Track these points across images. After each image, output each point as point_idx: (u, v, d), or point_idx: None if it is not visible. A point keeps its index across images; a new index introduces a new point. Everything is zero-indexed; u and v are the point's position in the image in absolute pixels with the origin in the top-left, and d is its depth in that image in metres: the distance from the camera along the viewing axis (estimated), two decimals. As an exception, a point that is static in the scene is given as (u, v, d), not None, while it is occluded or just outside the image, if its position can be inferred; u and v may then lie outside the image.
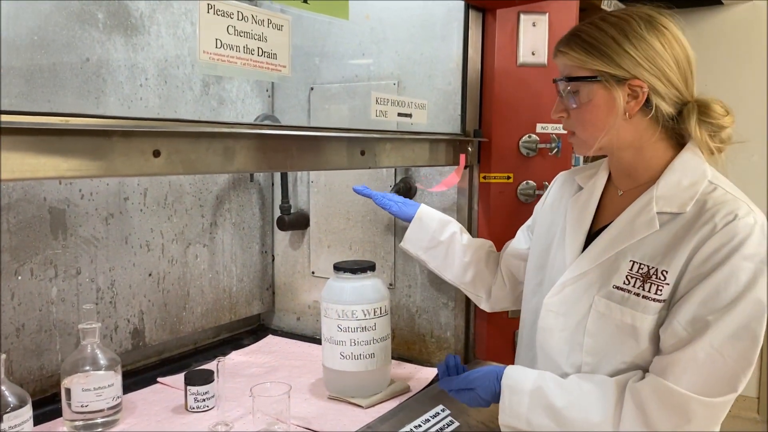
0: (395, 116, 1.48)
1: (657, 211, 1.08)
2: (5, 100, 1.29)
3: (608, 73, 1.07)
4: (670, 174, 1.10)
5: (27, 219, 1.46)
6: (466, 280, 1.52)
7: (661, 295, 1.04)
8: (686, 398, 0.99)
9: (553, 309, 1.18)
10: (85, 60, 1.46)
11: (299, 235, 2.13)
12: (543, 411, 1.09)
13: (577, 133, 1.15)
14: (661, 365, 1.03)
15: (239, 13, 1.01)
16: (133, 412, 1.45)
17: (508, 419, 1.12)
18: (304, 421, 1.40)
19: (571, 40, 1.12)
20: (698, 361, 0.99)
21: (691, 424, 0.99)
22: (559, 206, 1.32)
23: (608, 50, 1.07)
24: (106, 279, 1.64)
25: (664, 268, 1.05)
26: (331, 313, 1.51)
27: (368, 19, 1.85)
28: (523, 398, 1.11)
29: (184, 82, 1.76)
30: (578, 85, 1.10)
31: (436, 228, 1.53)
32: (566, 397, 1.08)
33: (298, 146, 1.21)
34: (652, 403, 1.01)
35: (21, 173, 0.77)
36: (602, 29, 1.09)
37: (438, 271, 1.56)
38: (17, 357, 1.46)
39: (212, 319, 1.98)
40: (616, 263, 1.11)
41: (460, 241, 1.52)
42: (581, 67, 1.10)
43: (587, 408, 1.06)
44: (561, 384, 1.11)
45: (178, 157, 0.97)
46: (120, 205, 1.67)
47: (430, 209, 1.56)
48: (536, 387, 1.11)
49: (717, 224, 1.01)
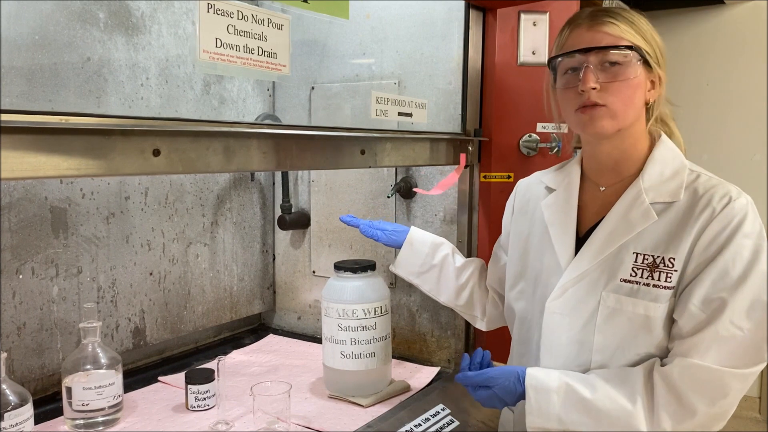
0: (396, 115, 1.48)
1: (650, 202, 1.10)
2: (6, 99, 1.29)
3: (651, 56, 1.10)
4: (652, 166, 1.14)
5: (28, 218, 1.47)
6: (460, 303, 1.50)
7: (670, 282, 1.06)
8: (719, 373, 1.01)
9: (557, 311, 1.16)
10: (86, 59, 1.46)
11: (300, 235, 2.13)
12: (574, 406, 1.07)
13: (611, 105, 1.08)
14: (685, 347, 1.04)
15: (239, 13, 1.02)
16: (134, 411, 1.45)
17: (538, 420, 1.10)
18: (305, 420, 1.41)
19: (613, 13, 1.10)
20: (720, 338, 1.01)
21: (728, 397, 1.02)
22: (527, 212, 1.31)
23: (649, 35, 1.11)
24: (107, 278, 1.65)
25: (671, 256, 1.07)
26: (332, 312, 1.51)
27: (369, 19, 1.85)
28: (551, 397, 1.09)
29: (185, 82, 1.76)
30: (628, 56, 1.08)
31: (427, 252, 1.50)
32: (594, 390, 1.07)
33: (298, 145, 1.21)
34: (685, 383, 1.02)
35: (21, 172, 0.78)
36: (634, 15, 1.12)
37: (432, 295, 1.53)
38: (18, 356, 1.47)
39: (213, 318, 1.98)
40: (619, 257, 1.11)
41: (453, 263, 1.50)
42: (628, 41, 1.09)
43: (616, 397, 1.05)
44: (585, 378, 1.10)
45: (178, 156, 0.97)
46: (121, 205, 1.67)
47: (420, 232, 1.53)
48: (562, 383, 1.10)
49: (716, 208, 1.05)
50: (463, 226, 1.79)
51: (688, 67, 2.91)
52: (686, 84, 2.92)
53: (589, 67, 1.08)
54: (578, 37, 1.11)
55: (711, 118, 2.89)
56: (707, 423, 1.03)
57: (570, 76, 1.12)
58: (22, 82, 1.33)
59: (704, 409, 1.01)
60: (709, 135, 2.89)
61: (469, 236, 1.81)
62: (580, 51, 1.10)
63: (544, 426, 1.10)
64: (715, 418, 1.03)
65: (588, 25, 1.11)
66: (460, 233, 1.80)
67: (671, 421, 1.02)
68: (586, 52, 1.09)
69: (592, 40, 1.09)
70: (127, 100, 1.58)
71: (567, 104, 1.14)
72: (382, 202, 1.93)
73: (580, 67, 1.10)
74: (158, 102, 1.67)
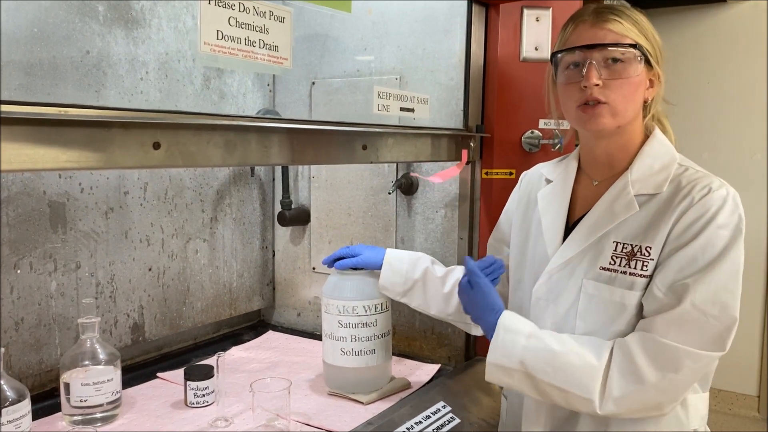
0: (397, 111, 1.47)
1: (634, 194, 1.13)
2: (5, 92, 1.28)
3: (653, 55, 1.12)
4: (641, 159, 1.16)
5: (26, 212, 1.46)
6: (450, 311, 1.46)
7: (646, 270, 1.09)
8: (673, 348, 1.03)
9: (542, 297, 1.20)
10: (86, 53, 1.45)
11: (300, 231, 2.12)
12: (539, 353, 1.10)
13: (612, 103, 1.10)
14: (646, 324, 1.07)
15: (241, 5, 1.00)
16: (133, 407, 1.44)
17: (500, 357, 1.13)
18: (304, 417, 1.40)
19: (616, 11, 1.12)
20: (683, 320, 1.04)
21: (679, 373, 1.04)
22: (528, 203, 1.34)
23: (650, 34, 1.12)
24: (105, 273, 1.64)
25: (647, 245, 1.09)
26: (332, 309, 1.50)
27: (370, 14, 1.84)
28: (518, 338, 1.12)
29: (185, 76, 1.75)
30: (631, 54, 1.09)
31: (407, 268, 1.48)
32: (563, 344, 1.10)
33: (298, 140, 1.20)
34: (639, 354, 1.05)
35: (19, 164, 0.77)
36: (636, 13, 1.13)
37: (421, 309, 1.50)
38: (16, 351, 1.46)
39: (212, 314, 1.97)
40: (600, 246, 1.14)
41: (435, 274, 1.48)
42: (632, 39, 1.10)
43: (585, 354, 1.08)
44: (556, 335, 1.13)
45: (179, 149, 0.96)
46: (120, 200, 1.66)
47: (396, 251, 1.52)
48: (534, 331, 1.13)
49: (694, 198, 1.07)
50: (464, 222, 1.79)
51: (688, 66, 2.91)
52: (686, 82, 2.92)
53: (593, 63, 1.09)
54: (582, 33, 1.12)
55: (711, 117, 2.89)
56: (655, 396, 1.05)
57: (572, 71, 1.13)
58: (21, 75, 1.32)
59: (652, 379, 1.03)
60: (709, 134, 2.88)
61: (470, 232, 1.80)
62: (584, 47, 1.11)
63: (504, 363, 1.12)
64: (664, 392, 1.05)
65: (592, 21, 1.12)
66: (461, 230, 1.79)
67: (619, 384, 1.05)
68: (590, 49, 1.10)
69: (596, 36, 1.10)
70: (127, 94, 1.57)
71: (568, 100, 1.15)
72: (382, 198, 1.92)
73: (582, 63, 1.11)
74: (158, 96, 1.66)
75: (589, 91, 1.09)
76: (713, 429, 1.21)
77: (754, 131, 2.79)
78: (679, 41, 2.89)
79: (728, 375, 2.85)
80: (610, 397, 1.05)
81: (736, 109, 2.84)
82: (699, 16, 2.91)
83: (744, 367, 2.86)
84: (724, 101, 2.86)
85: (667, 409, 1.07)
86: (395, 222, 1.90)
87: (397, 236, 1.91)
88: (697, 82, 2.88)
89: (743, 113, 2.83)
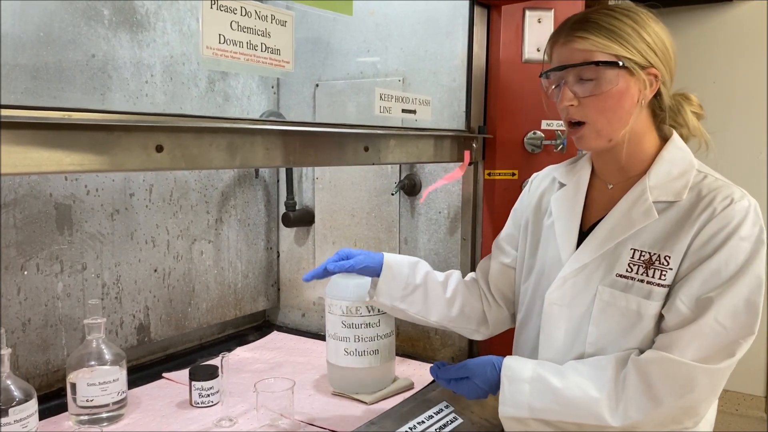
0: (399, 112, 1.47)
1: (653, 200, 1.11)
2: (11, 96, 1.30)
3: (631, 60, 1.08)
4: (659, 165, 1.14)
5: (33, 214, 1.47)
6: (453, 314, 1.39)
7: (664, 280, 1.07)
8: (691, 368, 1.02)
9: (556, 302, 1.18)
10: (91, 56, 1.47)
11: (304, 232, 2.13)
12: (544, 395, 1.10)
13: (592, 123, 1.10)
14: (666, 341, 1.05)
15: (242, 9, 1.01)
16: (138, 407, 1.46)
17: (510, 409, 1.12)
18: (308, 417, 1.41)
19: (588, 24, 1.09)
20: (703, 334, 1.02)
21: (695, 392, 1.03)
22: (540, 205, 1.32)
23: (628, 37, 1.08)
24: (111, 274, 1.65)
25: (666, 254, 1.07)
26: (336, 310, 1.51)
27: (373, 16, 1.85)
28: (522, 386, 1.12)
29: (190, 79, 1.76)
30: (600, 70, 1.07)
31: (408, 273, 1.38)
32: (564, 379, 1.10)
33: (301, 142, 1.21)
34: (657, 376, 1.03)
35: (24, 167, 0.78)
36: (616, 17, 1.09)
37: (420, 316, 1.39)
38: (23, 351, 1.47)
39: (217, 315, 1.98)
40: (617, 252, 1.12)
41: (436, 278, 1.41)
42: (602, 52, 1.07)
43: (585, 385, 1.07)
44: (558, 368, 1.12)
45: (181, 152, 0.97)
46: (125, 201, 1.68)
47: (393, 255, 1.41)
48: (535, 374, 1.12)
49: (716, 209, 1.05)
50: (467, 223, 1.79)
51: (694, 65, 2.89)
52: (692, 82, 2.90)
53: (566, 84, 1.10)
54: (557, 54, 1.13)
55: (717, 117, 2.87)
56: (677, 416, 1.05)
57: (554, 90, 1.15)
58: (27, 79, 1.33)
59: (671, 402, 1.03)
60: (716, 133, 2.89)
61: (473, 234, 1.80)
62: (554, 69, 1.12)
63: (516, 414, 1.12)
64: (684, 412, 1.04)
65: (563, 41, 1.11)
66: (464, 231, 1.80)
67: (637, 410, 1.04)
68: (559, 70, 1.11)
69: (566, 57, 1.10)
70: (132, 98, 1.58)
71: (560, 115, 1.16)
72: (386, 199, 1.92)
73: (558, 84, 1.12)
74: (163, 99, 1.67)
75: (565, 112, 1.12)
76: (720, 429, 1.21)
77: (760, 130, 2.78)
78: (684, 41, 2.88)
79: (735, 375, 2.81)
80: (628, 418, 1.04)
81: (742, 108, 2.83)
82: (705, 16, 2.90)
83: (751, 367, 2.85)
84: (730, 101, 2.85)
85: (688, 424, 1.06)
86: (398, 223, 1.91)
87: (400, 237, 1.92)
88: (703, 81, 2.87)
89: (749, 113, 2.81)
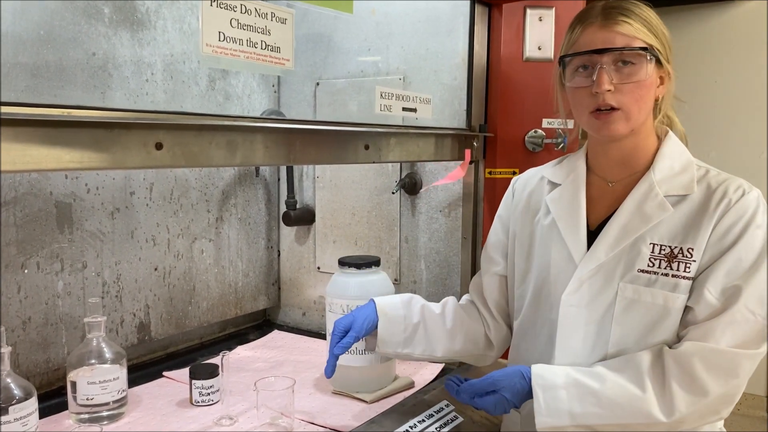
0: (400, 111, 1.47)
1: (664, 195, 1.11)
2: (11, 94, 1.30)
3: (662, 52, 1.10)
4: (662, 160, 1.15)
5: (33, 213, 1.47)
6: (457, 345, 1.34)
7: (689, 272, 1.08)
8: (732, 354, 1.03)
9: (574, 304, 1.15)
10: (92, 55, 1.47)
11: (305, 231, 2.13)
12: (584, 399, 1.06)
13: (626, 110, 1.08)
14: (700, 332, 1.05)
15: (242, 6, 1.01)
16: (138, 406, 1.46)
17: (548, 420, 1.07)
18: (308, 416, 1.40)
19: (626, 11, 1.08)
20: (736, 322, 1.04)
21: (739, 377, 1.04)
22: (529, 209, 1.28)
23: (660, 31, 1.10)
24: (111, 273, 1.65)
25: (689, 246, 1.08)
26: (336, 308, 1.51)
27: (374, 14, 1.84)
28: (559, 393, 1.07)
29: (190, 78, 1.76)
30: (642, 57, 1.07)
31: (404, 314, 1.34)
32: (601, 380, 1.07)
33: (302, 140, 1.21)
34: (701, 366, 1.03)
35: (23, 165, 0.78)
36: (643, 9, 1.10)
37: (426, 355, 1.34)
38: (23, 350, 1.47)
39: (218, 313, 1.98)
40: (636, 248, 1.11)
41: (433, 311, 1.36)
42: (642, 40, 1.07)
43: (625, 385, 1.06)
44: (591, 371, 1.10)
45: (181, 149, 0.97)
46: (126, 200, 1.68)
47: (383, 298, 1.37)
48: (570, 379, 1.09)
49: (731, 199, 1.07)
50: (467, 222, 1.79)
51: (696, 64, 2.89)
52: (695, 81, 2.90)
53: (603, 68, 1.06)
54: (591, 36, 1.09)
55: (719, 116, 2.87)
56: (718, 405, 1.05)
57: (582, 75, 1.10)
58: (28, 78, 1.34)
59: (717, 390, 1.03)
60: (718, 132, 2.86)
61: (473, 232, 1.80)
62: (594, 51, 1.08)
63: (556, 424, 1.07)
64: (725, 400, 1.05)
65: (601, 23, 1.08)
66: (465, 230, 1.79)
67: (685, 402, 1.03)
68: (601, 53, 1.07)
69: (606, 39, 1.07)
70: (132, 96, 1.58)
71: (579, 104, 1.12)
72: (386, 198, 1.92)
73: (592, 67, 1.08)
74: (163, 97, 1.67)
75: (601, 97, 1.07)
76: (721, 429, 1.21)
77: (761, 130, 2.78)
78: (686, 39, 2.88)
79: (736, 375, 2.82)
80: (677, 412, 1.03)
81: (744, 107, 2.82)
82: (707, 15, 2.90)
83: (752, 367, 2.84)
84: (732, 100, 2.85)
85: (724, 414, 1.07)
86: (399, 222, 1.91)
87: (401, 235, 1.92)
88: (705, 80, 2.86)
89: (751, 112, 2.81)
